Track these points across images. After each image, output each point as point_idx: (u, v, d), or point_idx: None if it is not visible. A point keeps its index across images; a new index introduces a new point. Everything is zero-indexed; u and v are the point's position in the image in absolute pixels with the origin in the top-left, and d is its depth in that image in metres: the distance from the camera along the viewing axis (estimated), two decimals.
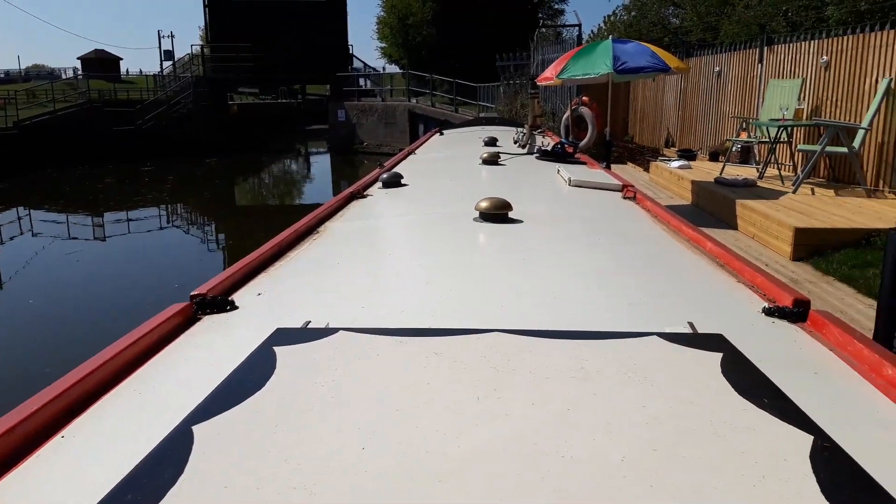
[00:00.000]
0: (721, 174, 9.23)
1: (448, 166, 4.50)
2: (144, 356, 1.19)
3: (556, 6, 31.88)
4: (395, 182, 3.32)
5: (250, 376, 1.01)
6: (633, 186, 3.21)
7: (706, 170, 10.05)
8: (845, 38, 8.73)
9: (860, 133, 7.91)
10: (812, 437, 0.83)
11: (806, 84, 9.35)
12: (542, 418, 0.88)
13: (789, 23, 12.91)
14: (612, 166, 13.24)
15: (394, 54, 32.17)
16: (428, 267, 1.95)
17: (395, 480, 0.75)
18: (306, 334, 1.21)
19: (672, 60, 7.97)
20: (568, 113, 13.95)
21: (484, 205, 2.36)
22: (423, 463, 0.78)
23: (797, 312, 1.44)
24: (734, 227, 7.51)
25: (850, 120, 8.46)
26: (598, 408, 0.91)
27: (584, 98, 14.07)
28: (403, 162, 4.62)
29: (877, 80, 8.08)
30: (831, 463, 0.78)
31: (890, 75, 7.86)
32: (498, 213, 2.35)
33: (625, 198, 3.06)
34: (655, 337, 1.16)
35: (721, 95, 12.17)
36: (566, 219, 2.70)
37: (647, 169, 12.21)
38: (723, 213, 7.93)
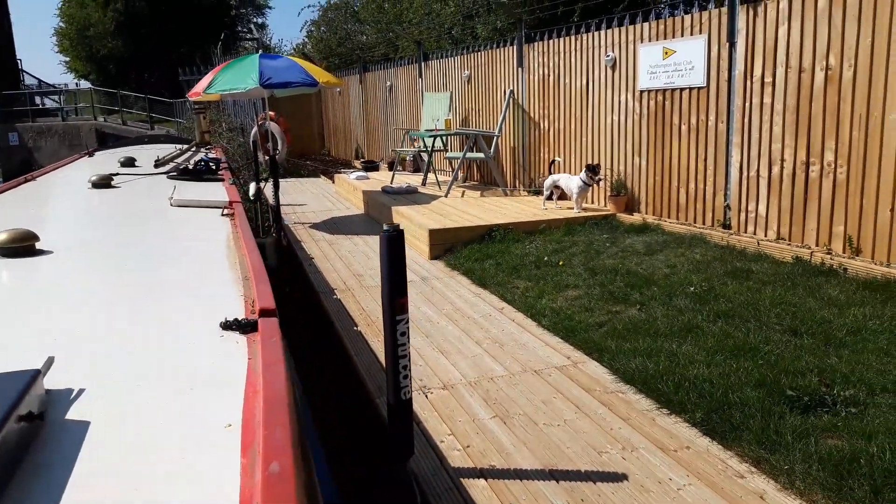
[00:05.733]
0: (391, 183, 9.71)
1: (48, 193, 4.04)
2: None
3: (257, 20, 31.48)
4: None
5: None
6: (237, 202, 3.12)
7: (383, 180, 10.51)
8: (480, 53, 9.72)
9: (494, 139, 8.84)
10: None
11: (454, 96, 10.24)
12: None
13: (454, 39, 14.08)
14: (306, 180, 13.37)
15: (80, 68, 29.13)
16: None
17: None
18: None
19: (322, 76, 8.15)
20: (255, 129, 13.79)
21: (1, 238, 2.05)
22: None
23: (252, 323, 1.36)
24: None
25: (489, 128, 9.43)
26: None
27: (270, 113, 13.99)
28: (8, 192, 4.06)
29: (504, 92, 9.11)
30: None
31: (511, 86, 8.91)
32: (17, 246, 2.06)
33: (223, 215, 2.95)
34: None
35: (394, 108, 12.88)
36: (118, 245, 2.45)
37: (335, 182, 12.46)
38: (385, 219, 8.32)
